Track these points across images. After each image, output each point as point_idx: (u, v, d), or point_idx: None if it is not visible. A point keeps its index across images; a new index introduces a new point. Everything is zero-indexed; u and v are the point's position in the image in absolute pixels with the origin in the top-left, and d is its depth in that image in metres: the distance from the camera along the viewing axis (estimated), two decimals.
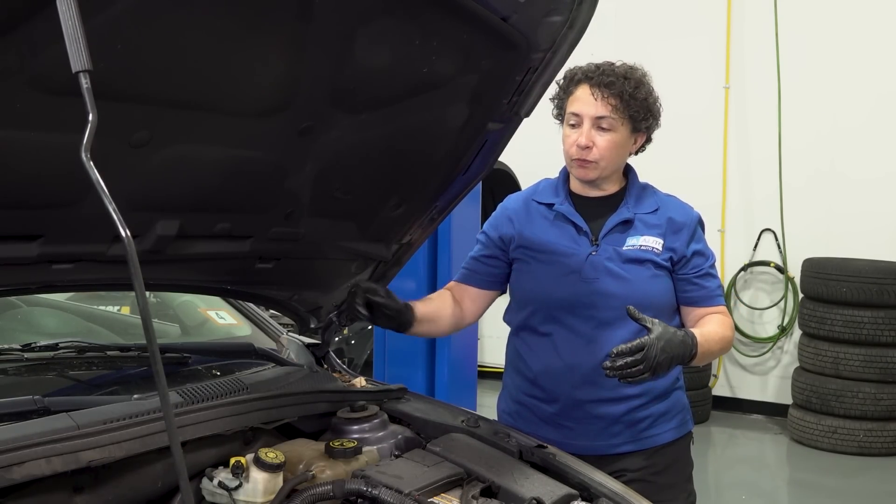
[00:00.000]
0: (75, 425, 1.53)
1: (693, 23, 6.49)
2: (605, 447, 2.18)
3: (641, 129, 2.16)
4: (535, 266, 2.22)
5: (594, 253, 2.16)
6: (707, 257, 2.23)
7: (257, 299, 2.35)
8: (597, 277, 2.14)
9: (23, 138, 1.33)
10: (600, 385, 2.15)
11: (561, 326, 2.18)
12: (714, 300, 2.22)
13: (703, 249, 2.22)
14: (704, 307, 2.21)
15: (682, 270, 2.19)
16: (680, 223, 2.20)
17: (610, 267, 2.15)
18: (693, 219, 2.22)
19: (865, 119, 5.99)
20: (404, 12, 1.54)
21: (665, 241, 2.18)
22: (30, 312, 2.64)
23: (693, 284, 2.20)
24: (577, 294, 2.15)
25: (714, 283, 2.23)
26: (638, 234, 2.18)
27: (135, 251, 0.98)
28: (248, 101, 1.54)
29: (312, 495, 1.58)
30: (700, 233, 2.24)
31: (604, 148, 2.11)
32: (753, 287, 6.51)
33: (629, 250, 2.16)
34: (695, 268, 2.20)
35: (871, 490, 5.03)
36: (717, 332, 2.13)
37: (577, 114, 2.12)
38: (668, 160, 4.46)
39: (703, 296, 2.21)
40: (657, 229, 2.18)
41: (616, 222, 2.18)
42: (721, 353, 2.22)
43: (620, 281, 2.14)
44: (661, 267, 2.17)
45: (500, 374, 2.49)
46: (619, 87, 2.09)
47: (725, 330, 2.18)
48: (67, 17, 0.98)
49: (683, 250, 2.18)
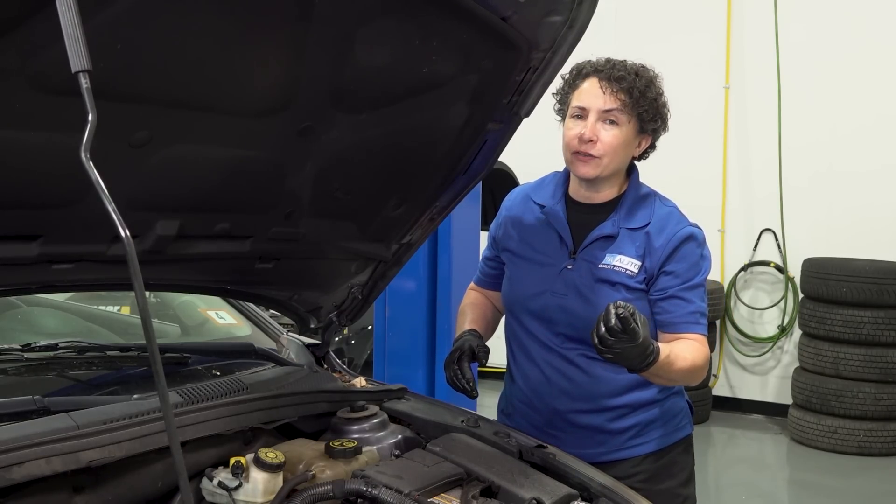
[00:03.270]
0: (75, 425, 1.53)
1: (693, 23, 6.49)
2: (591, 455, 2.07)
3: (647, 131, 2.08)
4: (513, 271, 2.22)
5: (569, 268, 2.10)
6: (683, 279, 2.04)
7: (257, 299, 2.35)
8: (566, 294, 2.09)
9: (23, 138, 1.33)
10: (576, 396, 2.13)
11: (533, 337, 2.16)
12: (680, 327, 2.03)
13: (681, 271, 2.04)
14: (672, 333, 2.04)
15: (651, 291, 2.06)
16: (659, 241, 2.05)
17: (580, 285, 2.07)
18: (676, 237, 2.05)
19: (865, 119, 5.99)
20: (404, 12, 1.54)
21: (644, 261, 2.06)
22: (30, 312, 2.64)
23: (658, 307, 2.05)
24: (546, 308, 2.12)
25: (684, 308, 2.03)
26: (616, 251, 2.07)
27: (135, 251, 0.98)
28: (248, 101, 1.54)
29: (312, 495, 1.58)
30: (686, 252, 2.05)
31: (608, 143, 2.02)
32: (753, 287, 6.51)
33: (603, 269, 2.06)
34: (660, 290, 2.05)
35: (871, 490, 5.03)
36: (681, 352, 1.96)
37: (582, 107, 2.04)
38: (668, 160, 4.43)
39: (667, 321, 2.05)
40: (638, 249, 2.06)
41: (597, 237, 2.09)
42: (686, 380, 2.04)
43: (586, 302, 2.05)
44: (633, 290, 2.05)
45: (500, 374, 2.49)
46: (630, 82, 2.01)
47: (695, 355, 1.99)
48: (67, 17, 0.98)
49: (654, 270, 2.05)
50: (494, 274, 2.33)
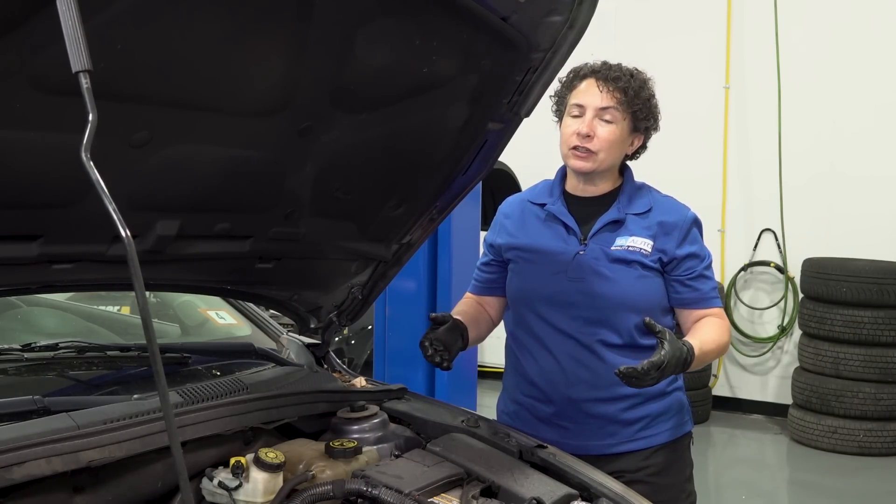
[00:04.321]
0: (75, 425, 1.53)
1: (693, 22, 6.49)
2: (602, 447, 2.19)
3: (640, 130, 2.19)
4: (524, 266, 2.24)
5: (581, 252, 2.17)
6: (702, 259, 2.20)
7: (257, 299, 2.35)
8: (583, 277, 2.15)
9: (23, 138, 1.33)
10: (592, 384, 2.17)
11: (550, 326, 2.19)
12: (708, 302, 2.20)
13: (698, 251, 2.20)
14: (699, 309, 2.20)
15: (674, 272, 2.18)
16: (671, 224, 2.18)
17: (596, 267, 2.15)
18: (687, 220, 2.20)
19: (865, 119, 5.99)
20: (404, 12, 1.54)
21: (655, 242, 2.16)
22: (30, 312, 2.64)
23: (686, 286, 2.19)
24: (563, 293, 2.16)
25: (708, 284, 2.20)
26: (627, 234, 2.17)
27: (135, 251, 0.98)
28: (247, 101, 1.54)
29: (312, 495, 1.58)
30: (695, 234, 2.21)
31: (604, 139, 2.13)
32: (753, 287, 6.51)
33: (617, 250, 2.16)
34: (687, 270, 2.18)
35: (871, 490, 5.03)
36: (713, 339, 2.13)
37: (580, 105, 2.15)
38: (668, 160, 4.46)
39: (696, 298, 2.19)
40: (648, 230, 2.17)
41: (606, 222, 2.18)
42: (717, 358, 2.23)
43: (606, 281, 2.14)
44: (649, 268, 2.16)
45: (499, 374, 2.49)
46: (626, 82, 2.13)
47: (722, 335, 2.17)
48: (67, 17, 0.98)
49: (674, 252, 2.16)
50: (492, 278, 2.35)
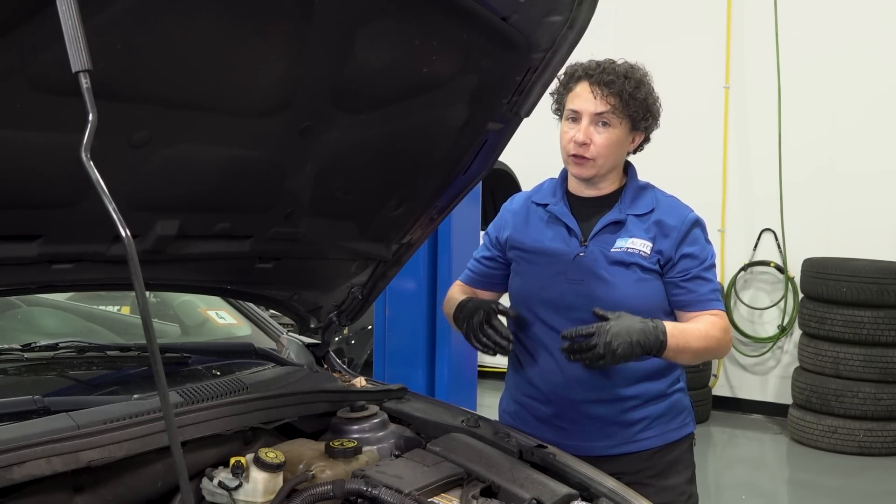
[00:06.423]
0: (75, 425, 1.53)
1: (693, 23, 6.49)
2: (601, 448, 2.18)
3: (640, 129, 2.16)
4: (525, 266, 2.24)
5: (581, 254, 2.16)
6: (701, 261, 2.16)
7: (257, 299, 2.35)
8: (581, 279, 2.14)
9: (23, 138, 1.33)
10: (591, 385, 2.16)
11: (549, 327, 2.18)
12: (705, 304, 2.15)
13: (696, 253, 2.15)
14: (695, 311, 2.15)
15: (670, 273, 2.15)
16: (670, 226, 2.15)
17: (595, 269, 2.14)
18: (687, 221, 2.17)
19: (865, 118, 5.99)
20: (404, 12, 1.54)
21: (654, 243, 2.15)
22: (30, 312, 2.64)
23: (681, 288, 2.15)
24: (562, 295, 2.16)
25: (706, 286, 2.16)
26: (627, 235, 2.15)
27: (135, 251, 0.98)
28: (247, 101, 1.54)
29: (312, 495, 1.58)
30: (696, 235, 2.17)
31: (601, 145, 2.11)
32: (753, 287, 6.51)
33: (616, 252, 2.14)
34: (682, 272, 2.14)
35: (871, 490, 5.03)
36: (698, 328, 2.10)
37: (575, 110, 2.12)
38: (668, 160, 4.47)
39: (691, 300, 2.15)
40: (648, 232, 2.15)
41: (606, 223, 2.17)
42: (711, 353, 2.16)
43: (604, 284, 2.13)
44: (648, 270, 2.14)
45: (500, 374, 2.49)
46: (619, 85, 2.09)
47: (712, 329, 2.12)
48: (67, 17, 0.98)
49: (671, 253, 2.14)
50: (492, 274, 2.34)
